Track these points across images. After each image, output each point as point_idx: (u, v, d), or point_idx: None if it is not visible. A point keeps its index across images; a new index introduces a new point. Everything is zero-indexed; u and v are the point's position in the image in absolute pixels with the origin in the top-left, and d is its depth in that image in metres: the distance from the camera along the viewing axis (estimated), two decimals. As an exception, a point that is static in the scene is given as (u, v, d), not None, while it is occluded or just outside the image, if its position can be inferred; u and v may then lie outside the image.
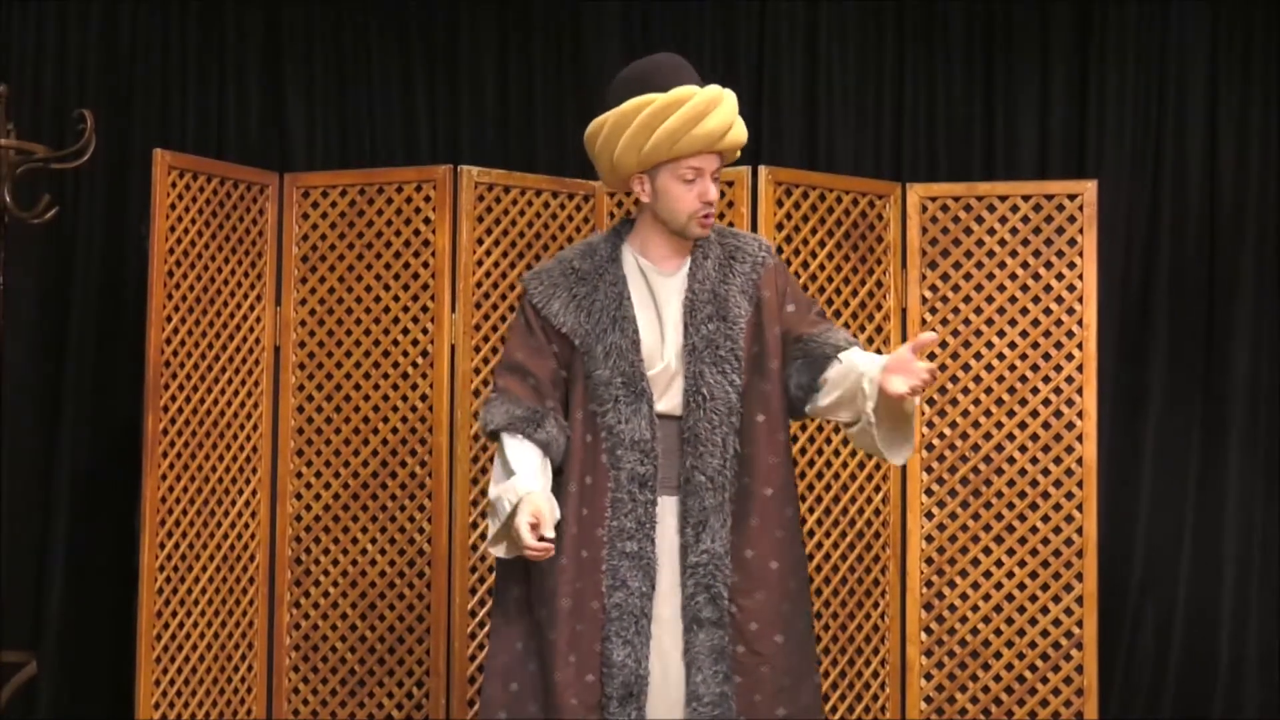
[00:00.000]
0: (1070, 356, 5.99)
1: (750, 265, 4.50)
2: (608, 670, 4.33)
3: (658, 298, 4.47)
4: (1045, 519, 5.98)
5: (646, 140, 4.37)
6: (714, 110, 4.37)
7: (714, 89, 4.40)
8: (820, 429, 5.95)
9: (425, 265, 5.94)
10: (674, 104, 4.36)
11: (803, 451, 5.91)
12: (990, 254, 6.05)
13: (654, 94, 4.38)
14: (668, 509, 4.42)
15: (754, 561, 4.44)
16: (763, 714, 4.38)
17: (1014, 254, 6.04)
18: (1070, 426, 5.97)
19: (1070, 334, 5.99)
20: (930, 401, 6.03)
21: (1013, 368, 6.02)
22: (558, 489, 4.41)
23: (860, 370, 4.37)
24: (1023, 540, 5.99)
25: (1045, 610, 5.96)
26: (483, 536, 5.92)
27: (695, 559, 4.37)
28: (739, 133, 4.44)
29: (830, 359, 4.46)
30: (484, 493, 5.92)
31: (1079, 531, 5.95)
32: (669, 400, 4.45)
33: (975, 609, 5.99)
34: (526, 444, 4.40)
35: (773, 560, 4.45)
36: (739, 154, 4.53)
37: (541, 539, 4.24)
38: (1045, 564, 5.97)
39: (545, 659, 4.36)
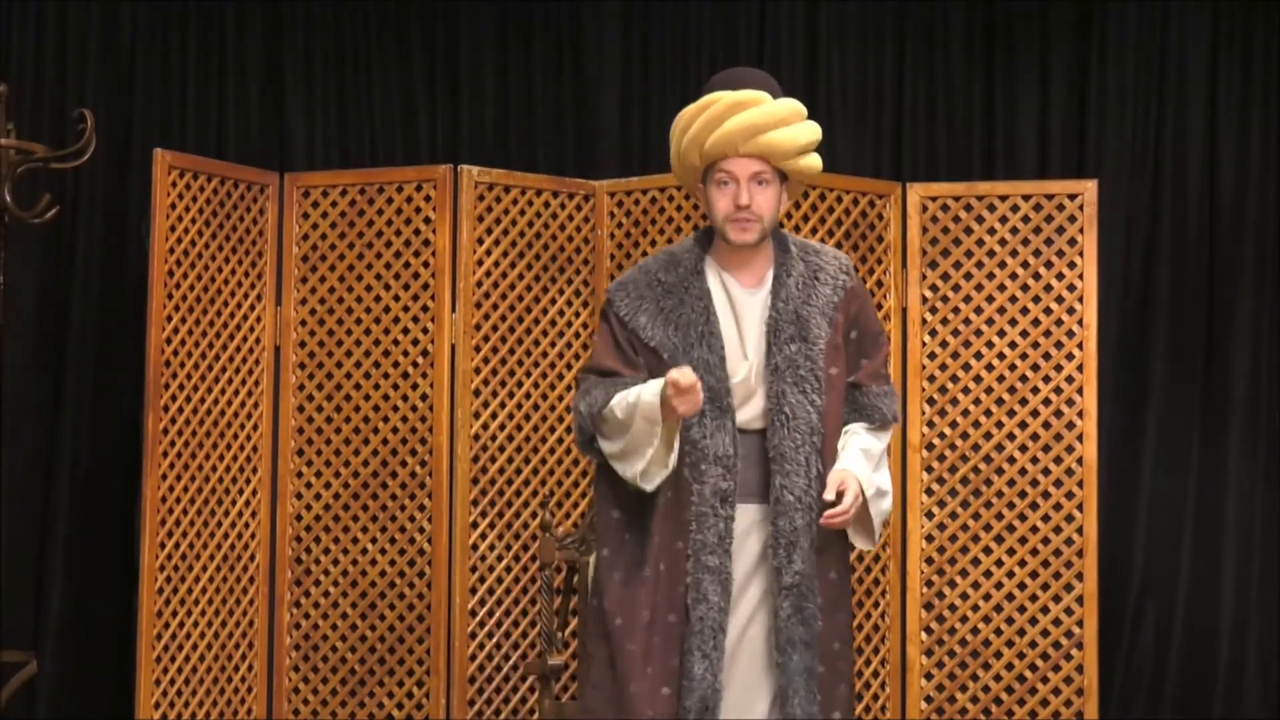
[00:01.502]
0: (1070, 356, 5.99)
1: (831, 288, 4.43)
2: (687, 684, 4.29)
3: (739, 313, 4.42)
4: (1045, 519, 5.98)
5: (680, 148, 4.36)
6: (738, 113, 4.28)
7: (746, 93, 4.32)
8: (820, 429, 5.94)
9: (425, 265, 5.94)
10: (698, 110, 4.33)
11: (803, 451, 5.90)
12: (990, 254, 6.05)
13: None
14: (743, 515, 4.39)
15: (837, 583, 4.40)
16: None
17: (1014, 254, 6.04)
18: (1070, 426, 5.97)
19: (1070, 334, 6.00)
20: (930, 401, 6.03)
21: (1013, 367, 6.02)
22: (642, 501, 4.41)
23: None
24: (1023, 540, 5.99)
25: (1045, 610, 5.96)
26: (483, 536, 5.93)
27: (790, 580, 4.32)
28: (778, 138, 4.33)
29: (867, 418, 4.47)
30: (484, 492, 5.93)
31: (1079, 531, 5.95)
32: (746, 413, 4.41)
33: (975, 608, 5.99)
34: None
35: (847, 583, 4.46)
36: (806, 163, 4.38)
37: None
38: (1045, 564, 5.97)
39: (620, 668, 4.34)
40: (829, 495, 4.28)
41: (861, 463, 4.39)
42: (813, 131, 4.41)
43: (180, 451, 5.78)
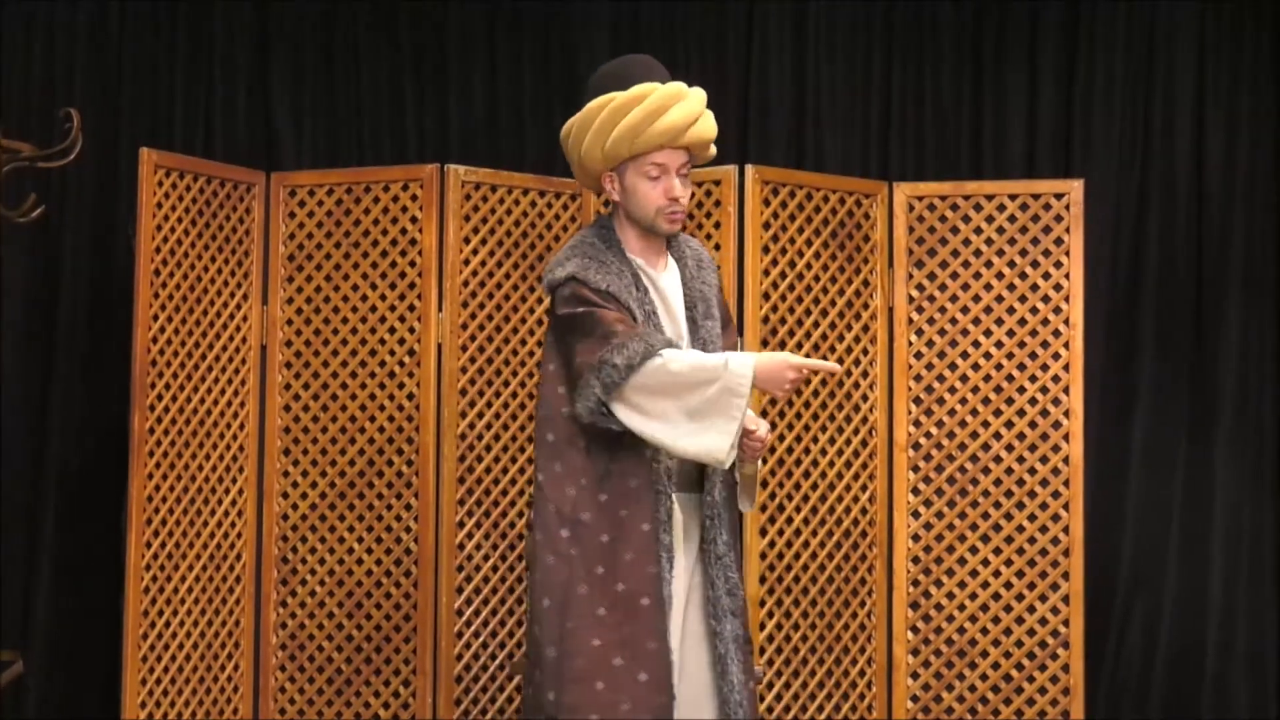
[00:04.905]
0: (1057, 355, 5.99)
1: (712, 272, 4.56)
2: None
3: (662, 293, 4.50)
4: (1032, 518, 5.98)
5: (608, 138, 4.41)
6: (674, 106, 4.39)
7: (676, 85, 4.42)
8: (807, 428, 5.95)
9: (412, 264, 5.94)
10: (633, 100, 4.40)
11: (789, 450, 5.91)
12: (977, 253, 6.05)
13: (616, 92, 4.40)
14: (682, 502, 4.44)
15: (740, 553, 4.54)
16: (751, 708, 4.44)
17: (1000, 253, 6.04)
18: (1057, 425, 5.98)
19: (1057, 333, 6.00)
20: (917, 400, 6.03)
21: (999, 367, 6.02)
22: (610, 486, 4.41)
23: None
24: (1009, 539, 5.99)
25: (1032, 609, 5.97)
26: (469, 536, 5.92)
27: (720, 550, 4.42)
28: (703, 129, 4.43)
29: None
30: (470, 492, 5.93)
31: (1065, 530, 5.96)
32: None
33: (962, 608, 5.99)
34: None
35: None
36: (712, 151, 4.50)
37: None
38: (1032, 563, 5.98)
39: (653, 647, 4.35)
40: (749, 425, 4.35)
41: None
42: (713, 120, 4.52)
43: (167, 451, 5.78)
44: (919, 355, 6.04)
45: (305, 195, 6.04)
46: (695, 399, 4.25)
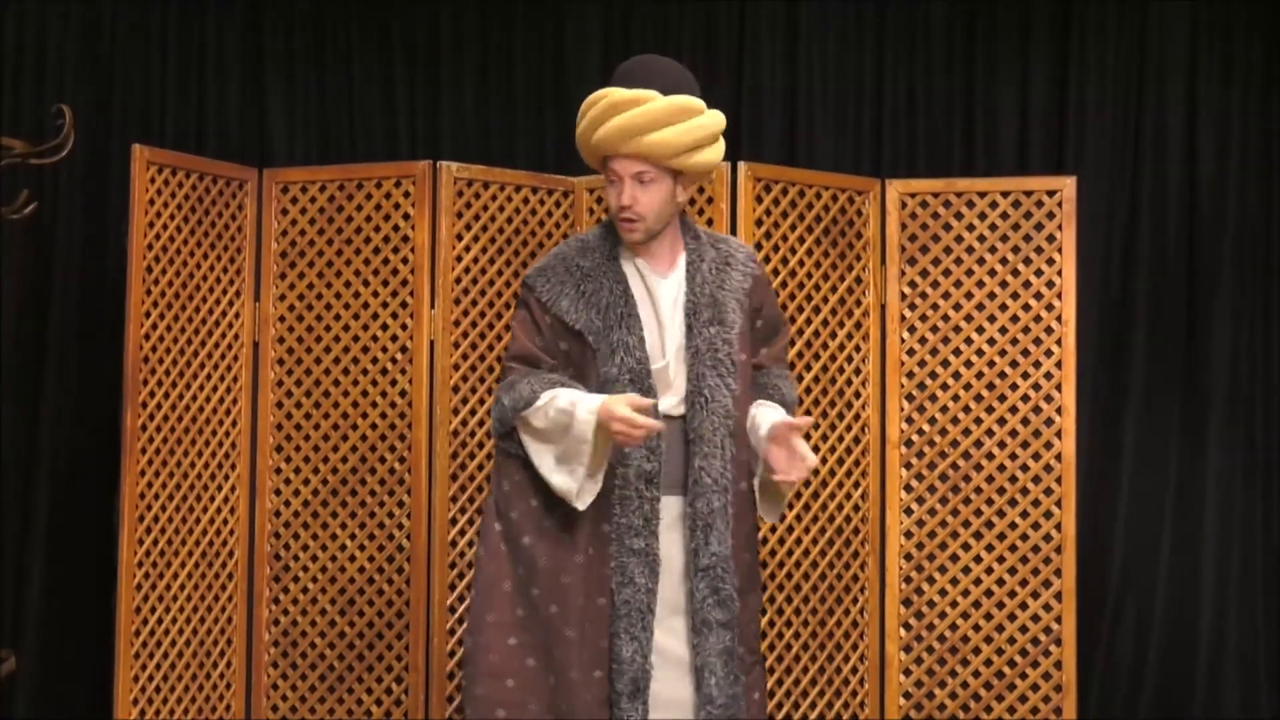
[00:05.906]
0: (1049, 353, 6.00)
1: (742, 274, 4.53)
2: (617, 667, 4.36)
3: (655, 298, 4.48)
4: (1024, 515, 5.98)
5: (578, 141, 4.46)
6: (616, 115, 4.35)
7: (633, 93, 4.36)
8: (799, 425, 5.95)
9: (404, 261, 5.94)
10: (588, 105, 4.44)
11: (782, 447, 5.91)
12: (969, 250, 6.05)
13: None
14: (667, 508, 4.44)
15: (750, 563, 4.52)
16: (755, 713, 4.44)
17: (993, 250, 6.04)
18: (1049, 423, 5.98)
19: (1049, 330, 6.00)
20: (909, 397, 6.03)
21: (992, 364, 6.02)
22: (543, 493, 4.45)
23: (758, 431, 4.48)
24: (1002, 536, 5.99)
25: (1024, 606, 5.97)
26: (461, 533, 5.92)
27: (706, 561, 4.41)
28: (658, 140, 4.36)
29: (768, 397, 4.59)
30: (463, 488, 5.93)
31: (1058, 527, 5.96)
32: (666, 401, 4.45)
33: (954, 605, 6.00)
34: (568, 387, 4.40)
35: (757, 563, 4.56)
36: (697, 159, 4.41)
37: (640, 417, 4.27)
38: (1024, 560, 5.98)
39: (557, 655, 4.37)
40: (803, 420, 4.36)
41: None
42: (701, 128, 4.43)
43: (159, 448, 5.77)
44: (911, 352, 6.05)
45: (298, 192, 6.04)
46: (561, 444, 4.37)
